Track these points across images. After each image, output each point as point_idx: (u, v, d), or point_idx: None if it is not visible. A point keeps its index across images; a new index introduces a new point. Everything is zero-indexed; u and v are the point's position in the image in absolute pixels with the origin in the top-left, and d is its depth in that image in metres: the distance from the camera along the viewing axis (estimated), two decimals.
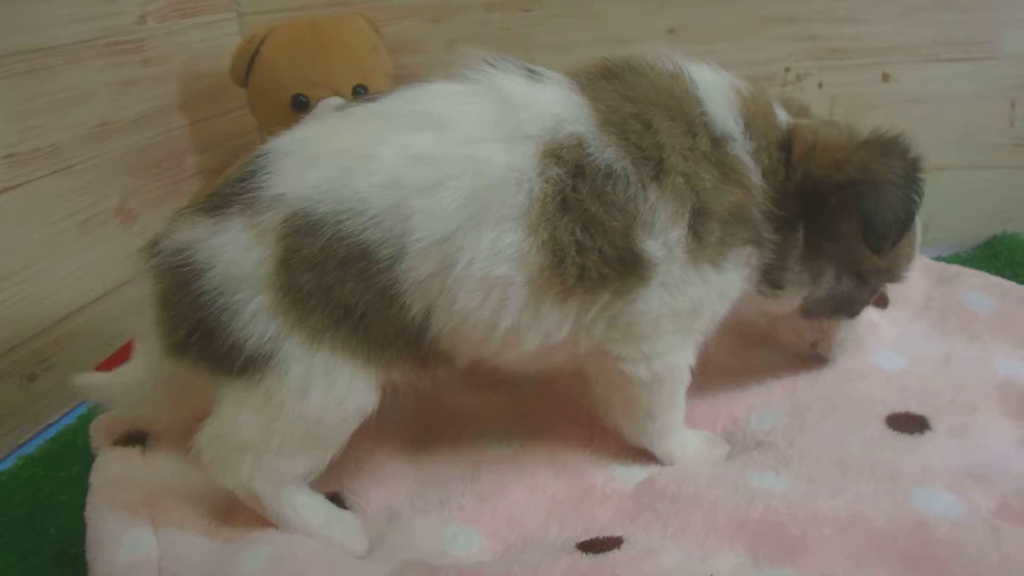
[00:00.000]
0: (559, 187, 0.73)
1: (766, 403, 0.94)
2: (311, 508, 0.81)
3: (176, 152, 1.33)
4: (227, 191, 0.76)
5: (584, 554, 0.72)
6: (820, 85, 1.37)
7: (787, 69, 1.37)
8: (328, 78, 1.27)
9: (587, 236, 0.74)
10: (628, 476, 0.85)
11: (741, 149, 0.79)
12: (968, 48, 1.32)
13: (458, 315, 0.75)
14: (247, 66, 1.28)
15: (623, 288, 0.76)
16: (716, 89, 0.80)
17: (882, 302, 1.09)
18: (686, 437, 0.88)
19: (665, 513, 0.77)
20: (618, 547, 0.73)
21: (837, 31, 1.35)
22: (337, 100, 1.25)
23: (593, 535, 0.76)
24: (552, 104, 0.76)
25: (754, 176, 0.79)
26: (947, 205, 1.34)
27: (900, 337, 1.04)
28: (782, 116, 0.85)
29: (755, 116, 0.81)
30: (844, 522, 0.73)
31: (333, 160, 0.74)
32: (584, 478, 0.85)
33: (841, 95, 1.37)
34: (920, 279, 1.14)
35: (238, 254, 0.73)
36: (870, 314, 1.03)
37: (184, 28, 1.36)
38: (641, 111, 0.77)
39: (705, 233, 0.76)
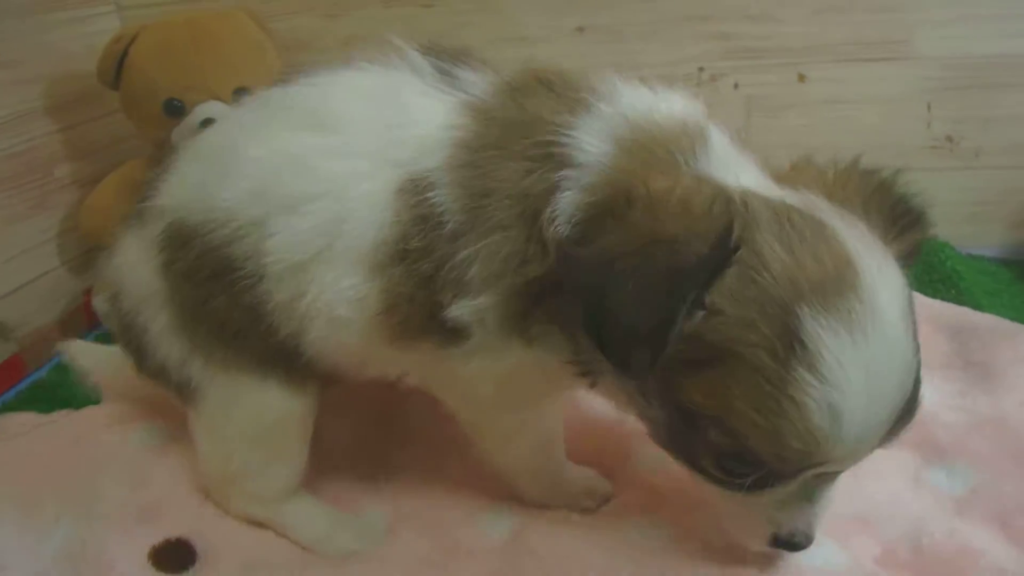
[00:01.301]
0: (401, 232, 0.65)
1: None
2: (312, 518, 0.79)
3: (43, 161, 1.22)
4: (136, 201, 0.75)
5: None
6: (736, 86, 1.32)
7: (701, 69, 1.31)
8: (204, 81, 1.17)
9: (418, 290, 0.66)
10: (497, 529, 0.78)
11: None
12: (884, 48, 1.28)
13: (317, 343, 0.71)
14: (115, 68, 1.18)
15: (442, 343, 0.68)
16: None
17: None
18: (555, 482, 0.80)
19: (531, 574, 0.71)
20: None
21: (752, 30, 1.30)
22: (216, 106, 1.16)
23: None
24: (429, 126, 0.67)
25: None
26: None
27: None
28: None
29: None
30: None
31: (213, 161, 0.71)
32: (449, 534, 0.78)
33: (756, 96, 1.32)
34: None
35: (134, 270, 0.73)
36: None
37: (52, 24, 1.25)
38: (504, 140, 0.65)
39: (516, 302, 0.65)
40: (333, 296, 0.67)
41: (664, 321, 0.52)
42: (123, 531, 0.78)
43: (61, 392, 1.09)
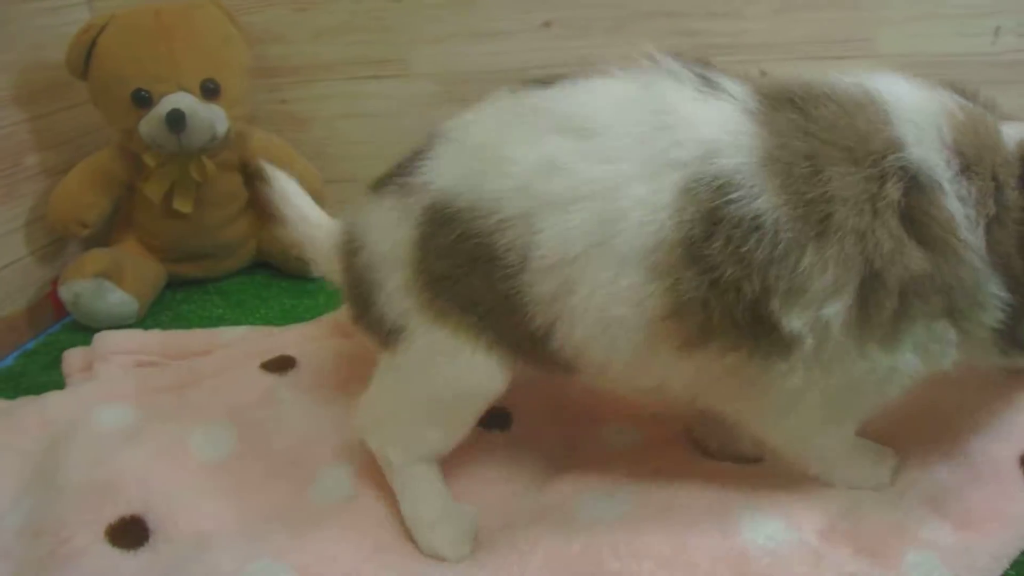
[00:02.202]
0: (690, 234, 0.65)
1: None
2: (428, 500, 0.79)
3: (12, 151, 1.22)
4: (393, 171, 0.78)
5: None
6: None
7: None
8: (172, 72, 1.18)
9: (715, 295, 0.65)
10: None
11: (952, 196, 0.65)
12: (846, 47, 1.30)
13: (578, 340, 0.71)
14: (84, 58, 1.19)
15: (755, 347, 0.67)
16: (922, 118, 0.67)
17: None
18: (853, 455, 0.80)
19: (482, 558, 0.73)
20: None
21: (716, 27, 1.32)
22: (183, 97, 1.17)
23: None
24: (712, 128, 0.66)
25: (965, 232, 0.65)
26: None
27: None
28: (1011, 139, 0.69)
29: (977, 150, 0.67)
30: (667, 558, 0.70)
31: (477, 154, 0.73)
32: (394, 515, 0.79)
33: None
34: None
35: (385, 232, 0.76)
36: None
37: (22, 14, 1.25)
38: (815, 150, 0.65)
39: (875, 306, 0.64)
40: (609, 295, 0.68)
41: None
42: (82, 508, 0.79)
43: (25, 381, 1.11)
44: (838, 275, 0.63)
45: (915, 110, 0.68)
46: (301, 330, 1.08)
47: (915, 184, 0.65)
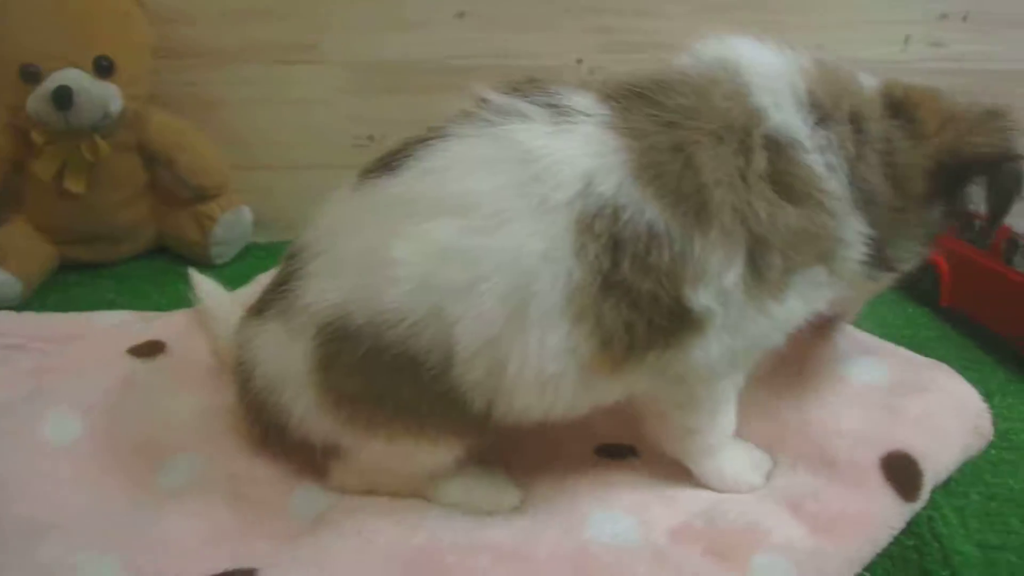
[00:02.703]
0: (598, 267, 0.65)
1: None
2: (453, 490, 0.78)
3: None
4: (268, 295, 0.77)
5: None
6: None
7: (579, 61, 1.32)
8: (64, 48, 1.15)
9: (635, 313, 0.66)
10: (307, 504, 0.78)
11: (812, 151, 0.70)
12: None
13: (520, 406, 0.70)
14: None
15: (676, 342, 0.69)
16: (777, 79, 0.72)
17: None
18: (731, 455, 0.80)
19: (310, 547, 0.71)
20: None
21: (632, 24, 1.31)
22: (73, 73, 1.14)
23: (222, 570, 0.69)
24: (580, 157, 0.66)
25: (827, 181, 0.71)
26: None
27: None
28: (868, 83, 0.77)
29: (833, 98, 0.73)
30: (506, 554, 0.69)
31: (360, 265, 0.69)
32: (252, 506, 0.77)
33: None
34: None
35: (277, 356, 0.74)
36: None
37: None
38: (681, 141, 0.67)
39: (764, 267, 0.69)
40: (540, 357, 0.66)
41: None
42: None
43: None
44: (727, 249, 0.67)
45: (770, 75, 0.72)
46: (180, 316, 1.05)
47: (778, 148, 0.69)
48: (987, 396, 0.99)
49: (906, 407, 0.83)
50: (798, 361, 0.94)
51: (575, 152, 0.66)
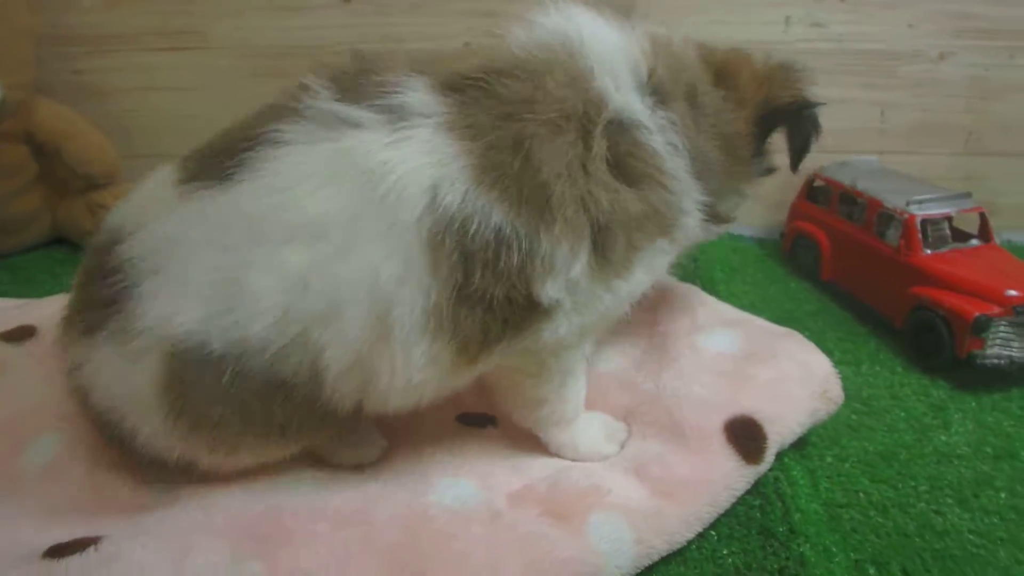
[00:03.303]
0: (453, 283, 0.65)
1: None
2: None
3: None
4: (94, 314, 0.69)
5: (46, 560, 0.66)
6: None
7: (466, 44, 1.33)
8: None
9: (489, 315, 0.67)
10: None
11: (653, 131, 0.72)
12: None
13: (392, 408, 0.72)
14: None
15: (527, 330, 0.70)
16: (617, 59, 0.72)
17: None
18: (585, 426, 0.82)
19: (156, 517, 0.71)
20: (85, 550, 0.66)
21: (514, 8, 1.32)
22: None
23: (70, 538, 0.69)
24: (422, 169, 0.65)
25: (668, 161, 0.72)
26: None
27: None
28: (692, 51, 0.81)
29: (671, 77, 0.75)
30: (346, 517, 0.70)
31: (211, 291, 0.65)
32: (108, 480, 0.77)
33: None
34: None
35: (115, 379, 0.69)
36: None
37: None
38: (519, 135, 0.66)
39: (609, 250, 0.70)
40: (407, 368, 0.67)
41: None
42: None
43: None
44: (572, 243, 0.67)
45: (610, 54, 0.72)
46: (55, 302, 1.04)
47: (619, 132, 0.70)
48: (856, 364, 1.04)
49: (756, 374, 0.86)
50: (658, 335, 0.97)
51: (417, 164, 0.65)
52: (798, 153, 0.87)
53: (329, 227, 0.65)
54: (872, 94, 1.36)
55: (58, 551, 0.67)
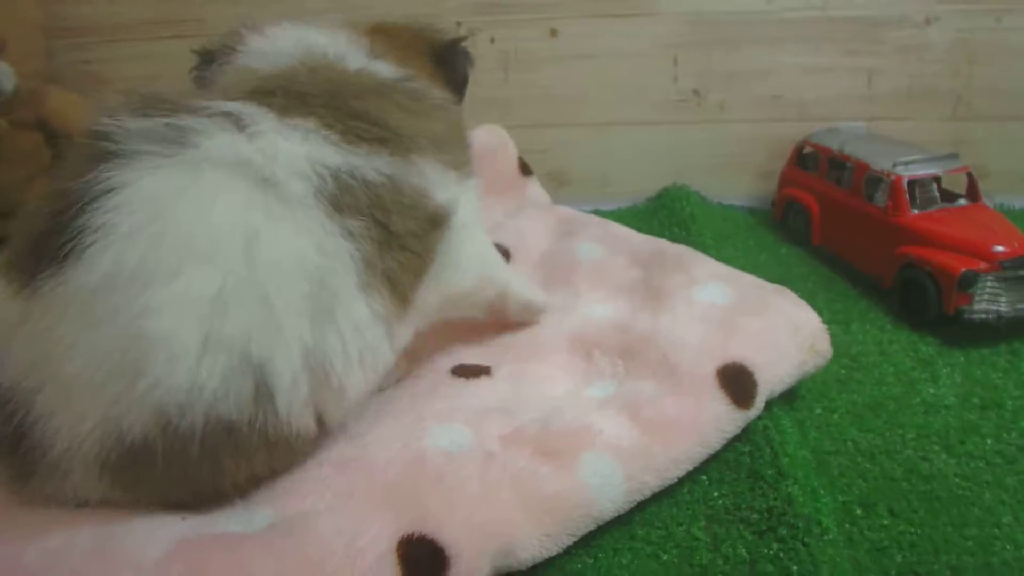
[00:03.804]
0: (366, 232, 0.69)
1: None
2: None
3: None
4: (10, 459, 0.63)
5: None
6: (492, 40, 1.37)
7: (458, 23, 1.36)
8: None
9: (403, 253, 0.73)
10: None
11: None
12: (631, 4, 1.35)
13: (350, 397, 0.72)
14: None
15: (435, 248, 0.78)
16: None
17: (504, 257, 1.10)
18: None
19: None
20: None
21: None
22: None
23: None
24: (291, 146, 0.67)
25: None
26: (622, 160, 1.38)
27: None
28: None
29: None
30: (347, 463, 0.72)
31: (110, 367, 0.59)
32: None
33: (512, 51, 1.38)
34: (543, 235, 1.17)
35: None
36: None
37: None
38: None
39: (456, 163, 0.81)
40: (357, 335, 0.70)
41: None
42: None
43: None
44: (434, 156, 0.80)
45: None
46: None
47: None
48: (846, 324, 1.06)
49: (747, 324, 0.89)
50: (652, 289, 1.00)
51: (284, 145, 0.66)
52: (459, 86, 0.93)
53: (229, 231, 0.62)
54: (858, 60, 1.38)
55: None
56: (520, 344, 0.93)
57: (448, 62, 0.92)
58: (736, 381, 0.82)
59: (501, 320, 0.94)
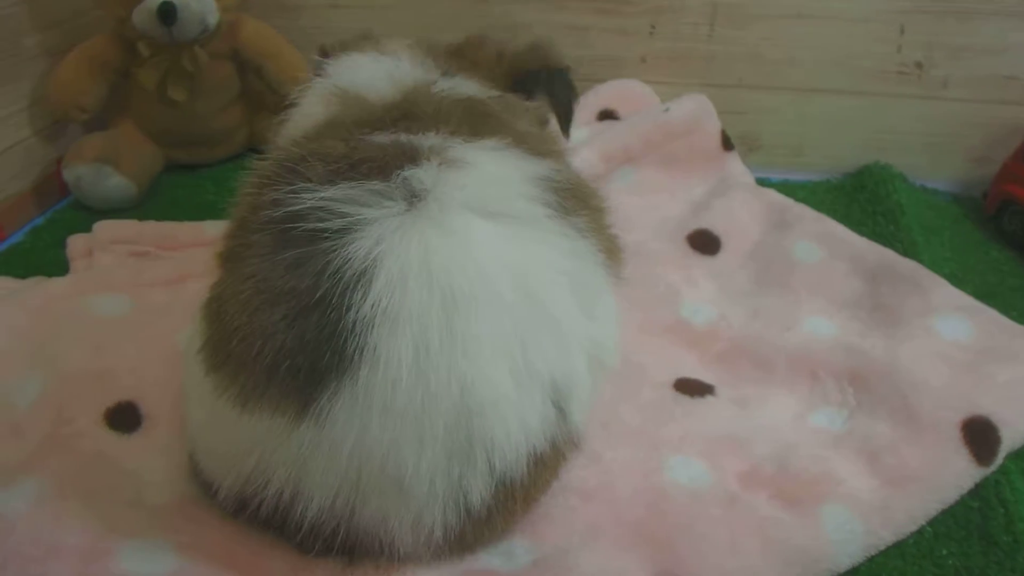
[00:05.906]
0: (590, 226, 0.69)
1: None
2: None
3: (10, 33, 1.22)
4: None
5: None
6: None
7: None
8: None
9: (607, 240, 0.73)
10: None
11: None
12: None
13: None
14: None
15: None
16: None
17: (713, 247, 1.07)
18: None
19: None
20: None
21: None
22: None
23: None
24: (496, 170, 0.67)
25: None
26: (821, 130, 1.32)
27: (718, 290, 1.03)
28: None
29: None
30: (592, 492, 0.75)
31: (449, 413, 0.58)
32: None
33: (723, 3, 1.28)
34: (753, 223, 1.12)
35: None
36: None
37: None
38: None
39: None
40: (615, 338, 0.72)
41: None
42: (81, 393, 0.83)
43: (34, 257, 1.15)
44: None
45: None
46: None
47: None
48: None
49: (994, 373, 0.85)
50: (881, 308, 0.95)
51: (491, 169, 0.66)
52: (563, 118, 0.87)
53: (498, 270, 0.60)
54: None
55: None
56: (739, 357, 0.92)
57: (544, 90, 0.85)
58: (981, 437, 0.80)
59: None
